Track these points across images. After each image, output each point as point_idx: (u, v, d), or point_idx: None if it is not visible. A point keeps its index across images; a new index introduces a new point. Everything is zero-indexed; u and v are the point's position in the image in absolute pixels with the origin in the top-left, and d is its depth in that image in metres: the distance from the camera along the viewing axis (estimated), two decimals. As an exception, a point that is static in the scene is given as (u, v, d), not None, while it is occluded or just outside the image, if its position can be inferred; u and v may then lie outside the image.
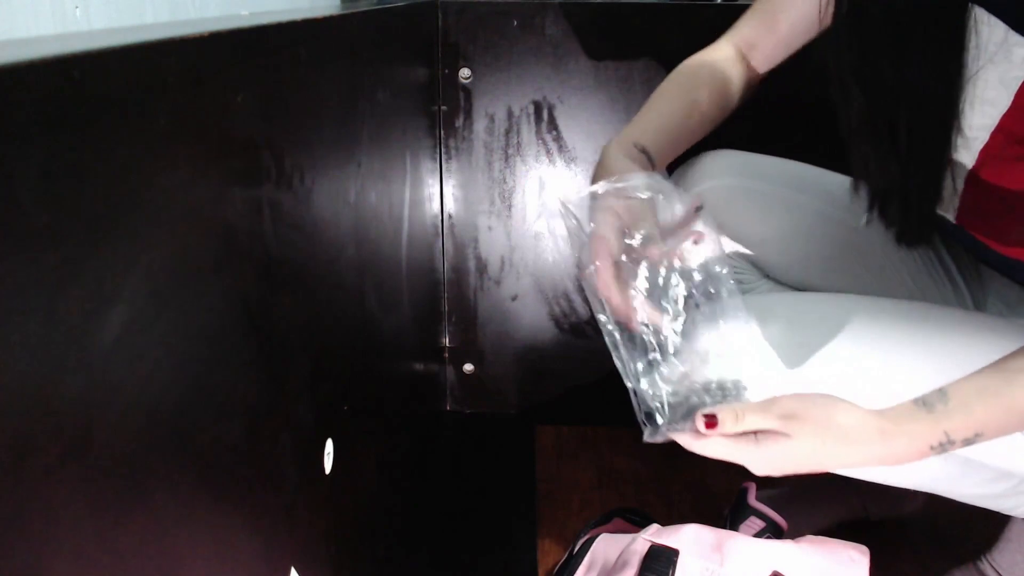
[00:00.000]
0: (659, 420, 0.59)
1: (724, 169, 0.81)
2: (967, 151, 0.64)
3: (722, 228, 0.80)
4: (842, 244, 0.81)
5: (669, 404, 0.59)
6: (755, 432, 0.57)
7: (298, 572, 0.53)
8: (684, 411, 0.59)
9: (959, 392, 0.56)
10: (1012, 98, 0.59)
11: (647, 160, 0.71)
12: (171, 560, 0.36)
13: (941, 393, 0.57)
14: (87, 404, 0.29)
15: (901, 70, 0.62)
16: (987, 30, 0.58)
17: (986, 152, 0.63)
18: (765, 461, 0.57)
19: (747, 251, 0.84)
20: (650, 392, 0.59)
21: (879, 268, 0.81)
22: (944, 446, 0.56)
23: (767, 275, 0.88)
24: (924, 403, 0.57)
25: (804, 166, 0.85)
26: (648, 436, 0.59)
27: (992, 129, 0.61)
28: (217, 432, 0.40)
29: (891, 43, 0.62)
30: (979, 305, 0.80)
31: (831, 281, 0.83)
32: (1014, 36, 0.57)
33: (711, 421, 0.57)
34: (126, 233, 0.31)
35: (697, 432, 0.57)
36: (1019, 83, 0.58)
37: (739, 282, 0.84)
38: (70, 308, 0.27)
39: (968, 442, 0.56)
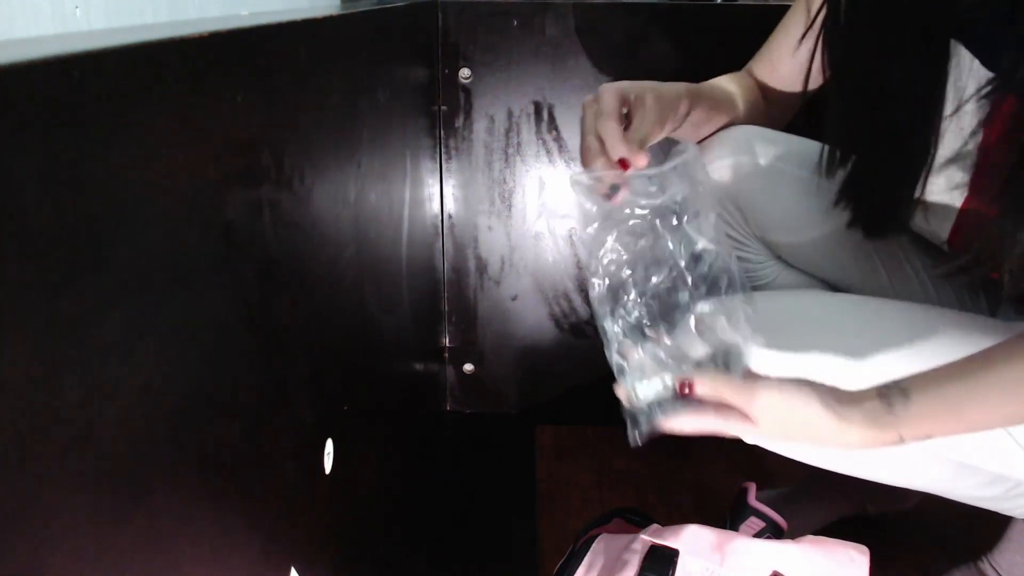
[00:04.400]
0: (642, 421, 0.62)
1: (742, 145, 0.80)
2: (958, 180, 0.66)
3: (736, 204, 0.82)
4: (854, 233, 0.81)
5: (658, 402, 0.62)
6: (725, 408, 0.61)
7: (298, 572, 0.53)
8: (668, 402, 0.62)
9: (921, 397, 0.58)
10: (982, 130, 0.61)
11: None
12: (171, 560, 0.36)
13: (904, 394, 0.58)
14: (87, 404, 0.29)
15: (884, 70, 0.64)
16: (964, 59, 0.61)
17: (973, 182, 0.65)
18: (733, 432, 0.61)
19: (757, 229, 0.84)
20: (643, 392, 0.61)
21: (891, 262, 0.81)
22: (895, 443, 0.59)
23: (777, 255, 0.88)
24: (888, 402, 0.58)
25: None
26: (633, 440, 0.63)
27: (975, 158, 0.63)
28: (217, 432, 0.40)
29: (876, 47, 0.64)
30: (992, 304, 0.79)
31: (839, 269, 0.83)
32: (982, 69, 0.60)
33: (684, 387, 0.61)
34: (126, 233, 0.31)
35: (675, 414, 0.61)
36: (984, 116, 0.61)
37: (746, 260, 0.84)
38: (70, 308, 0.27)
39: (917, 440, 0.59)
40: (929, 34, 0.61)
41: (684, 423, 0.61)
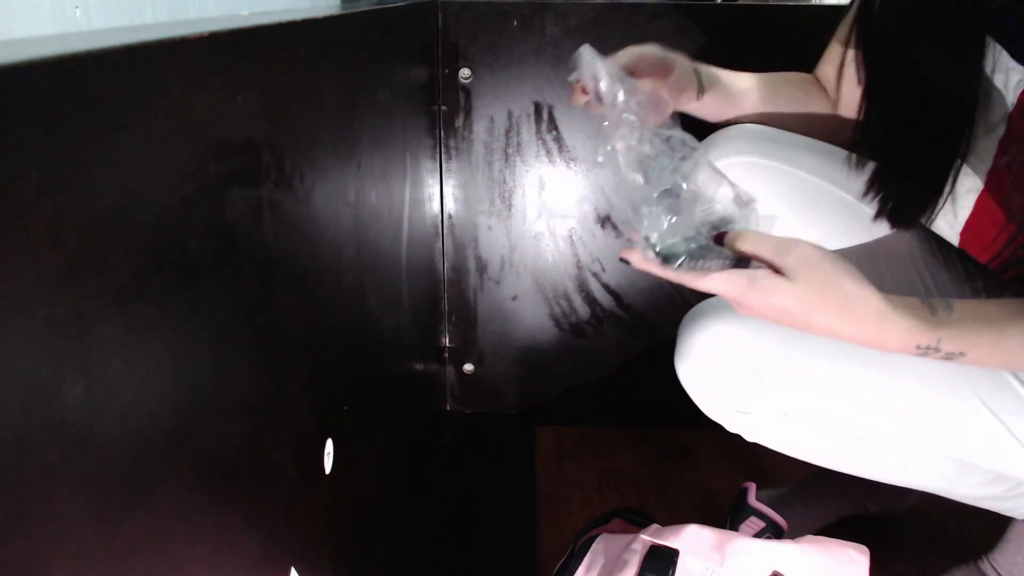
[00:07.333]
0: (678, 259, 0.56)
1: (750, 146, 0.80)
2: (975, 172, 0.65)
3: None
4: (863, 238, 0.81)
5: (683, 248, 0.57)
6: (759, 267, 0.57)
7: (298, 572, 0.53)
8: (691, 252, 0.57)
9: (964, 310, 0.57)
10: (1006, 121, 0.60)
11: (697, 80, 0.77)
12: (171, 560, 0.36)
13: (947, 303, 0.58)
14: (87, 404, 0.29)
15: (918, 65, 0.64)
16: (994, 54, 0.60)
17: (992, 174, 0.64)
18: (756, 302, 0.56)
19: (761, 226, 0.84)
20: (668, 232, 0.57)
21: (899, 266, 0.81)
22: (929, 350, 0.57)
23: None
24: (930, 305, 0.57)
25: (836, 150, 0.84)
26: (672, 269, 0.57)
27: (995, 151, 0.62)
28: (217, 432, 0.40)
29: (911, 42, 0.64)
30: None
31: None
32: (1011, 61, 0.59)
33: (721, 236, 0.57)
34: (126, 233, 0.31)
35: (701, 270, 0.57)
36: (1011, 108, 0.60)
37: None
38: (70, 308, 0.27)
39: (950, 356, 0.57)
40: (962, 26, 0.61)
41: (714, 282, 0.57)
